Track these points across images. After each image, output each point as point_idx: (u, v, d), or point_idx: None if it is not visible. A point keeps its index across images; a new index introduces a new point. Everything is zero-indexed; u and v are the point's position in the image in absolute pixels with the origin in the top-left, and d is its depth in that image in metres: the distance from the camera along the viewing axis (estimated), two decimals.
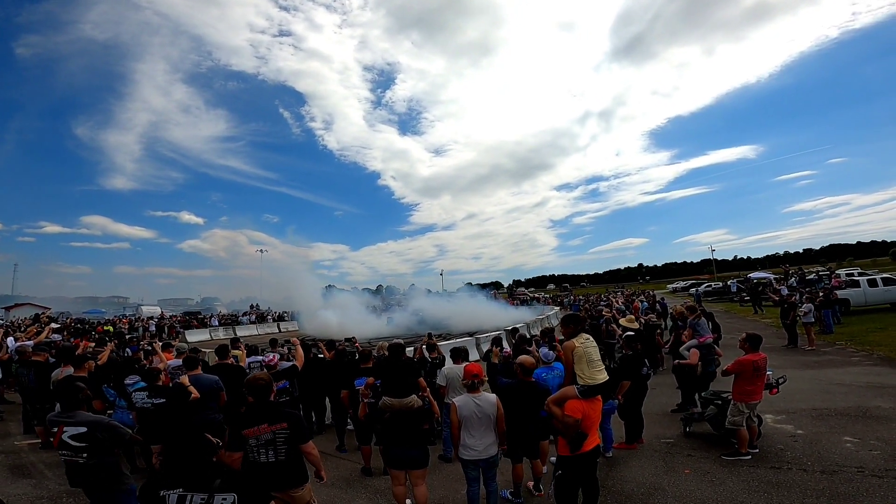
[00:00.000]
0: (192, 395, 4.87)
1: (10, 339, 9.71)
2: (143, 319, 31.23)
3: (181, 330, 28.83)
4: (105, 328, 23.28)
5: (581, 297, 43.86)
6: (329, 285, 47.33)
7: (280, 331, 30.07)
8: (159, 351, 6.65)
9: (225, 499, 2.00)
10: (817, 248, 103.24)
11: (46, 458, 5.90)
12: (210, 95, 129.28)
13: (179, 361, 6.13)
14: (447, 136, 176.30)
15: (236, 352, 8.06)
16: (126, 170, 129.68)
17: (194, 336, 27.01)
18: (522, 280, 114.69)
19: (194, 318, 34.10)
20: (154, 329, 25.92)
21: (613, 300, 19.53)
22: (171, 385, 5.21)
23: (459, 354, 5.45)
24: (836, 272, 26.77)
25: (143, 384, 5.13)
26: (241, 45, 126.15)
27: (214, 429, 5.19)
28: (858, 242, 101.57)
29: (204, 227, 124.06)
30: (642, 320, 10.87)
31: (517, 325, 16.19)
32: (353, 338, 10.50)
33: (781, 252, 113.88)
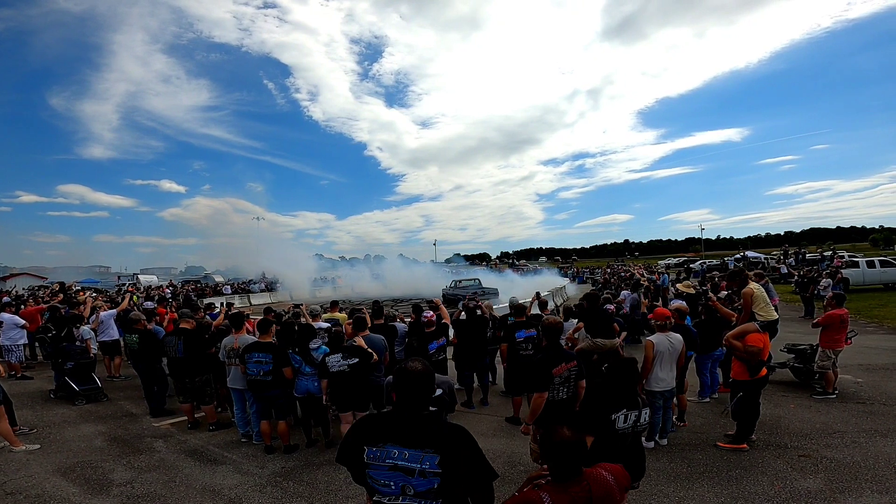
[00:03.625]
0: (373, 357, 4.83)
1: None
2: (157, 288, 31.20)
3: (195, 298, 28.94)
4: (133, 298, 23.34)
5: (585, 269, 46.12)
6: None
7: (291, 298, 30.79)
8: (305, 313, 7.00)
9: (646, 411, 2.70)
10: (798, 231, 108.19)
11: (214, 440, 5.38)
12: (191, 66, 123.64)
13: (325, 324, 6.50)
14: (435, 108, 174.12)
15: (338, 314, 8.63)
16: (104, 139, 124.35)
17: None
18: (510, 252, 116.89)
19: (207, 287, 34.27)
20: (170, 298, 26.02)
21: (636, 271, 20.84)
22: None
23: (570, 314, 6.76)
24: (839, 253, 28.90)
25: (326, 349, 4.91)
26: (224, 17, 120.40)
27: (379, 392, 4.76)
28: (838, 227, 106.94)
29: (186, 195, 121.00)
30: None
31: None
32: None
33: (763, 234, 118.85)
